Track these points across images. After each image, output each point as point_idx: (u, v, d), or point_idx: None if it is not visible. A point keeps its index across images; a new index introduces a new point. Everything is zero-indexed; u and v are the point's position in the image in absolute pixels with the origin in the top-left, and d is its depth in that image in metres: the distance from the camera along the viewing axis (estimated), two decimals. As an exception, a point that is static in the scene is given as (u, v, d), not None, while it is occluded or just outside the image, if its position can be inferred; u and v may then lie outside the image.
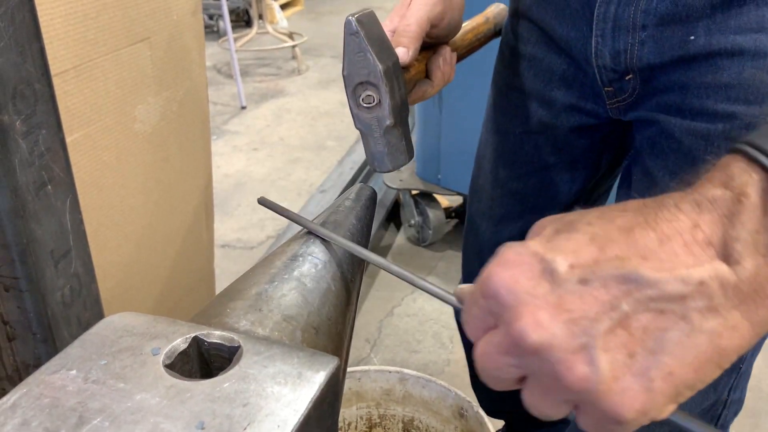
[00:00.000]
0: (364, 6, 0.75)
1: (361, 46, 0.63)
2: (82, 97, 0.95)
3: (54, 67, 0.86)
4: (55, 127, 0.63)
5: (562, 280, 0.34)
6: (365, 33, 0.63)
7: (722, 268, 0.33)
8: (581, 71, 0.83)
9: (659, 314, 0.33)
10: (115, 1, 0.98)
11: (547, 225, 0.38)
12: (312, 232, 0.58)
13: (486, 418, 1.07)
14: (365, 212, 0.64)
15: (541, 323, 0.33)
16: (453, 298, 0.45)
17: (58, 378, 0.38)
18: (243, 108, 3.93)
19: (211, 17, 5.43)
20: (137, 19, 1.04)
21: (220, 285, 1.62)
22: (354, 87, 0.66)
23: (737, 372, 0.88)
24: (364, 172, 2.62)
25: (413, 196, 2.41)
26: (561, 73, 0.86)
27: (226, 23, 3.82)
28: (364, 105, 0.66)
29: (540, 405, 0.36)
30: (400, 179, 2.37)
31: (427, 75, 0.75)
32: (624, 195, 0.89)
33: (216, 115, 3.81)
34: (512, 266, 0.35)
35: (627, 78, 0.77)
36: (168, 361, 0.40)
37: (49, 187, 0.63)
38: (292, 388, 0.38)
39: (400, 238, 2.49)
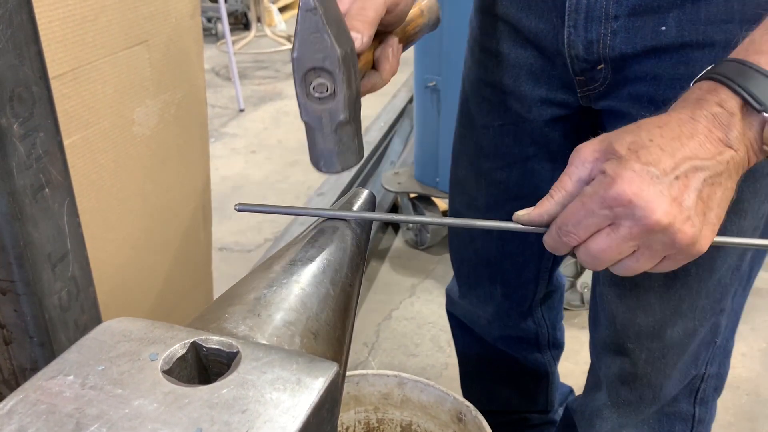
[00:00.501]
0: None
1: (318, 25, 0.55)
2: (80, 100, 0.95)
3: (52, 70, 0.85)
4: (52, 130, 0.62)
5: (664, 181, 0.51)
6: (324, 11, 0.55)
7: (733, 152, 0.53)
8: (549, 63, 0.85)
9: (712, 185, 0.53)
10: (113, 3, 0.98)
11: (609, 148, 0.54)
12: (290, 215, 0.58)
13: (485, 423, 1.07)
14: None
15: (667, 210, 0.51)
16: (517, 225, 0.59)
17: (56, 384, 0.38)
18: (241, 111, 3.93)
19: (209, 20, 5.42)
20: (135, 22, 1.04)
21: (218, 288, 1.62)
22: (305, 72, 0.57)
23: (713, 346, 0.91)
24: (363, 175, 2.61)
25: (411, 200, 2.41)
26: (528, 67, 0.87)
27: (225, 26, 3.82)
28: (315, 95, 0.58)
29: (642, 265, 0.55)
30: (398, 182, 2.37)
31: (374, 66, 0.68)
32: None
33: (214, 117, 3.80)
34: (635, 181, 0.51)
35: (599, 67, 0.79)
36: (166, 367, 0.39)
37: (47, 190, 0.62)
38: (291, 395, 0.37)
39: (398, 241, 2.49)
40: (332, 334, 0.50)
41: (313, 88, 0.58)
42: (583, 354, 1.94)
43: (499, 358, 1.25)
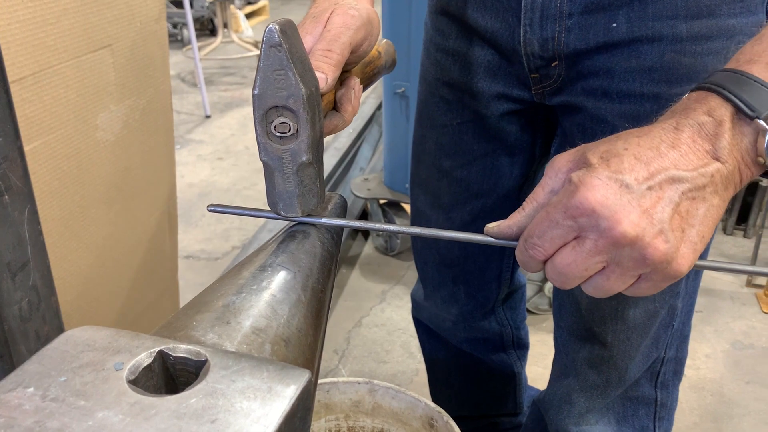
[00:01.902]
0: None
1: (283, 62, 0.52)
2: (41, 104, 0.93)
3: (12, 74, 0.83)
4: (12, 135, 0.61)
5: (636, 190, 0.48)
6: (289, 47, 0.52)
7: (719, 165, 0.49)
8: (506, 60, 0.88)
9: (693, 200, 0.49)
10: (75, 6, 0.96)
11: (582, 158, 0.51)
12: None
13: (456, 428, 1.06)
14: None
15: (635, 222, 0.47)
16: (488, 237, 0.56)
17: (14, 396, 0.36)
18: (207, 117, 3.89)
19: (175, 26, 5.36)
20: (99, 26, 1.02)
21: (184, 297, 1.60)
22: (266, 111, 0.55)
23: (671, 328, 0.95)
24: (332, 181, 2.60)
25: (381, 206, 2.40)
26: (485, 64, 0.90)
27: (191, 32, 3.78)
28: (277, 134, 0.55)
29: (613, 285, 0.51)
30: (368, 189, 2.36)
31: (335, 107, 0.66)
32: None
33: (180, 124, 3.76)
34: (599, 189, 0.48)
35: (553, 64, 0.83)
36: (132, 377, 0.38)
37: (6, 197, 0.61)
38: (261, 403, 0.36)
39: (368, 248, 2.48)
40: (303, 340, 0.50)
41: (275, 127, 0.55)
42: (551, 357, 1.95)
43: (466, 361, 1.26)
